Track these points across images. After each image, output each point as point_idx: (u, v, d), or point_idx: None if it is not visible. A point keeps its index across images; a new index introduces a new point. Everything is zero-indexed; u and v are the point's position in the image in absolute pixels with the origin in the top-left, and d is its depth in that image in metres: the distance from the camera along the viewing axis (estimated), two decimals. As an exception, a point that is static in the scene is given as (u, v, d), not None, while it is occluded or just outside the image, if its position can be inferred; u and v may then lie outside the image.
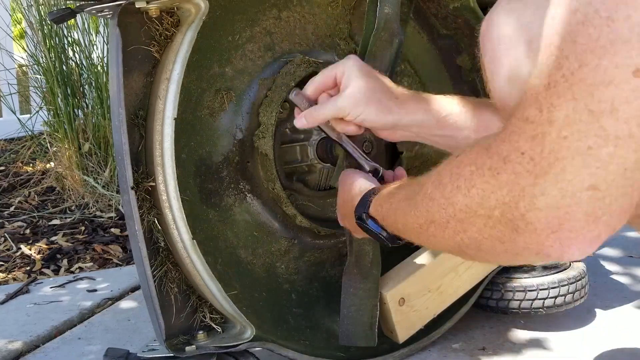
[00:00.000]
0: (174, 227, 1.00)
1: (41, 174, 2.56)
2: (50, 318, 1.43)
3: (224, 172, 1.14)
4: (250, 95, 1.16)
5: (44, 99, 2.54)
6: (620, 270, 1.61)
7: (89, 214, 2.23)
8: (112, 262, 1.87)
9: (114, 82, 0.95)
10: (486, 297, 1.31)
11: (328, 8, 1.25)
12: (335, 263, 1.30)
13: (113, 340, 1.31)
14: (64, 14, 1.04)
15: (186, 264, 1.02)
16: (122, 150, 0.95)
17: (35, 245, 1.98)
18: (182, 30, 1.01)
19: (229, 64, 1.14)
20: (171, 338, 1.00)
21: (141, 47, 0.99)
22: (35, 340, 1.33)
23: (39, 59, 2.45)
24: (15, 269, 1.82)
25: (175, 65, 0.99)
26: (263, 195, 1.18)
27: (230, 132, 1.14)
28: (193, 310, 1.05)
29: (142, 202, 0.99)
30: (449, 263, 1.22)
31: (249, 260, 1.16)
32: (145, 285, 0.97)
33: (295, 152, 1.25)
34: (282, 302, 1.19)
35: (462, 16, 1.27)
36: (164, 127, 0.99)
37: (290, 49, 1.21)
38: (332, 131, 1.02)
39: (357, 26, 1.28)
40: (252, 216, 1.17)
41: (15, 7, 2.93)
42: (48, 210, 2.29)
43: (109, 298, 1.55)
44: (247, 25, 1.15)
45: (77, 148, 2.35)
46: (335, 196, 1.28)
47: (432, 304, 1.21)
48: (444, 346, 1.23)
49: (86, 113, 2.41)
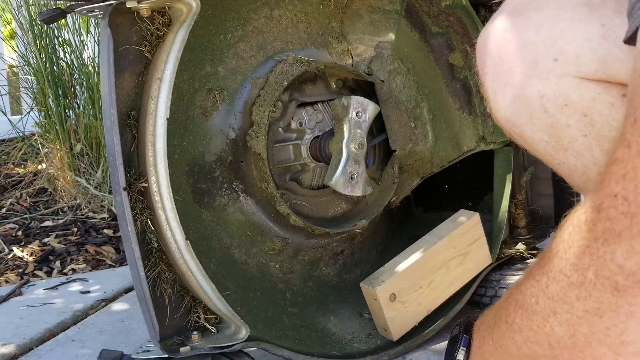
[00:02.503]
0: (167, 228, 1.00)
1: (33, 175, 2.54)
2: (44, 320, 1.42)
3: (217, 172, 1.14)
4: (242, 94, 1.16)
5: (35, 99, 2.52)
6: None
7: (82, 215, 2.22)
8: (105, 264, 1.86)
9: (106, 83, 0.95)
10: (480, 294, 1.31)
11: (320, 6, 1.25)
12: (329, 262, 1.30)
13: (107, 341, 1.31)
14: (54, 14, 1.03)
15: (180, 264, 1.01)
16: (114, 151, 0.95)
17: (28, 247, 1.97)
18: (174, 29, 1.00)
19: (221, 63, 1.13)
20: (165, 339, 1.00)
21: (132, 47, 0.99)
22: (28, 343, 1.32)
23: (29, 59, 2.44)
24: (7, 271, 1.81)
25: (167, 65, 0.99)
26: (256, 194, 1.18)
27: (223, 132, 1.14)
28: (187, 310, 1.05)
29: (135, 203, 0.99)
30: (439, 258, 1.22)
31: (243, 260, 1.16)
32: (138, 287, 0.97)
33: (289, 151, 1.25)
34: (276, 301, 1.18)
35: (454, 14, 1.27)
36: (156, 128, 0.98)
37: (282, 47, 1.21)
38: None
39: (349, 24, 1.28)
40: (245, 216, 1.17)
41: (5, 8, 2.91)
42: (40, 212, 2.27)
43: (103, 299, 1.55)
44: (239, 24, 1.15)
45: (68, 149, 2.34)
46: (329, 195, 1.28)
47: (425, 301, 1.21)
48: (438, 344, 1.24)
49: (77, 114, 2.40)
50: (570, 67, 0.64)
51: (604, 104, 0.64)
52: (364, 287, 1.18)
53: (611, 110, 0.64)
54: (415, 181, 1.38)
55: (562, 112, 0.67)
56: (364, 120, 1.23)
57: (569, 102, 0.66)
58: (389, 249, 1.41)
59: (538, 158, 0.76)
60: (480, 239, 1.28)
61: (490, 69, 0.70)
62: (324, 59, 1.25)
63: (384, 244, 1.42)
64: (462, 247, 1.26)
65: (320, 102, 1.28)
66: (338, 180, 1.21)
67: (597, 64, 0.63)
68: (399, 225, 1.50)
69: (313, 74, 1.24)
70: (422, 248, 1.22)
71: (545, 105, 0.67)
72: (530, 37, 0.66)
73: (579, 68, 0.64)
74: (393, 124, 1.32)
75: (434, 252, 1.22)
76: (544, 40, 0.62)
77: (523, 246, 1.37)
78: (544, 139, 0.71)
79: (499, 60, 0.68)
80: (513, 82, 0.68)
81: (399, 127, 1.33)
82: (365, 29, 1.32)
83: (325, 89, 1.29)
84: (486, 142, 1.35)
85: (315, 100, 1.27)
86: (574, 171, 0.71)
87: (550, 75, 0.66)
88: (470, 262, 1.27)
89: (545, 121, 0.69)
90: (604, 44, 0.62)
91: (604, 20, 0.62)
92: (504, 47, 0.68)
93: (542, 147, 0.72)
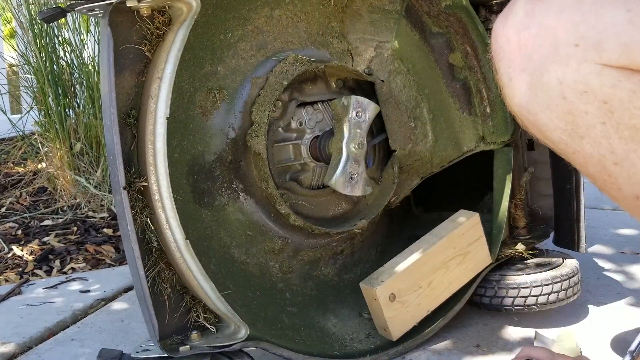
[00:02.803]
0: (166, 227, 1.00)
1: (32, 174, 2.54)
2: (43, 319, 1.42)
3: (216, 171, 1.14)
4: (242, 94, 1.15)
5: (34, 98, 2.52)
6: (613, 267, 1.61)
7: (81, 215, 2.22)
8: (105, 263, 1.86)
9: (106, 82, 0.95)
10: (480, 295, 1.31)
11: (320, 6, 1.25)
12: (329, 262, 1.30)
13: (106, 341, 1.31)
14: (54, 13, 1.03)
15: (179, 264, 1.01)
16: (114, 150, 0.94)
17: (27, 246, 1.97)
18: (174, 29, 1.00)
19: (221, 62, 1.13)
20: (165, 338, 1.00)
21: (133, 46, 0.99)
22: (28, 342, 1.32)
23: (29, 58, 2.44)
24: (7, 270, 1.81)
25: (167, 64, 0.99)
26: (256, 194, 1.18)
27: (223, 131, 1.14)
28: (187, 310, 1.05)
29: (135, 202, 0.98)
30: (438, 258, 1.22)
31: (243, 260, 1.16)
32: (138, 286, 0.97)
33: (289, 151, 1.25)
34: (276, 301, 1.18)
35: (454, 14, 1.27)
36: (156, 127, 0.98)
37: (282, 47, 1.21)
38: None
39: (349, 24, 1.28)
40: (245, 215, 1.17)
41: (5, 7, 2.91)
42: (40, 211, 2.27)
43: (102, 299, 1.55)
44: (239, 24, 1.15)
45: (68, 148, 2.34)
46: (329, 195, 1.28)
47: (425, 301, 1.21)
48: (437, 344, 1.24)
49: (77, 113, 2.40)
50: (591, 53, 0.63)
51: (624, 91, 0.64)
52: (364, 287, 1.18)
53: (632, 98, 0.64)
54: (415, 181, 1.38)
55: (581, 98, 0.66)
56: (363, 120, 1.23)
57: (589, 89, 0.65)
58: (389, 249, 1.41)
59: (550, 147, 0.75)
60: (480, 239, 1.28)
61: (507, 54, 0.69)
62: (324, 58, 1.25)
63: (384, 244, 1.42)
64: (462, 247, 1.26)
65: (320, 102, 1.28)
66: (338, 180, 1.21)
67: (621, 50, 0.62)
68: (398, 225, 1.50)
69: (313, 73, 1.24)
70: (422, 248, 1.22)
71: (564, 91, 0.66)
72: (550, 22, 0.65)
73: (601, 54, 0.63)
74: (393, 123, 1.32)
75: (433, 252, 1.22)
76: (565, 25, 0.61)
77: (523, 246, 1.37)
78: (559, 126, 0.70)
79: (516, 45, 0.67)
80: (531, 67, 0.67)
81: (398, 127, 1.33)
82: (366, 28, 1.32)
83: (326, 89, 1.28)
84: (486, 142, 1.34)
85: (315, 100, 1.27)
86: (589, 160, 0.71)
87: (571, 61, 0.65)
88: (470, 262, 1.27)
89: (562, 108, 0.68)
90: (630, 30, 0.61)
91: (630, 6, 0.61)
92: (522, 33, 0.67)
93: (557, 135, 0.71)
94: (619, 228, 1.94)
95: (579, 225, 1.37)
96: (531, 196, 1.50)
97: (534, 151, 1.46)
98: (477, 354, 1.19)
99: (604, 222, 2.02)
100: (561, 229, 1.42)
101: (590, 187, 0.90)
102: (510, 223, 1.43)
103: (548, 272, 1.29)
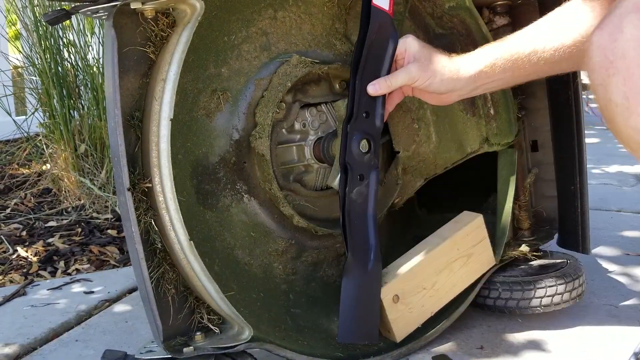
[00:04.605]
0: (170, 229, 1.00)
1: (37, 175, 2.55)
2: (48, 320, 1.43)
3: (220, 172, 1.14)
4: (246, 95, 1.16)
5: (39, 100, 2.53)
6: (617, 269, 1.61)
7: (86, 216, 2.22)
8: (109, 264, 1.87)
9: (110, 83, 0.95)
10: (484, 296, 1.31)
11: (324, 8, 1.25)
12: (332, 263, 1.30)
13: (110, 342, 1.31)
14: (59, 15, 1.03)
15: (183, 265, 1.01)
16: (118, 152, 0.95)
17: (32, 247, 1.98)
18: (178, 30, 1.00)
19: (225, 64, 1.13)
20: (169, 339, 1.00)
21: (137, 48, 0.99)
22: (32, 343, 1.33)
23: (34, 60, 2.44)
24: (11, 271, 1.81)
25: (171, 66, 0.99)
26: (260, 195, 1.18)
27: (227, 133, 1.14)
28: (190, 311, 1.05)
29: (139, 204, 0.99)
30: (442, 259, 1.22)
31: (247, 261, 1.16)
32: (142, 287, 0.97)
33: (292, 153, 1.25)
34: (279, 302, 1.18)
35: (457, 15, 1.27)
36: (160, 128, 0.99)
37: (286, 49, 1.21)
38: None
39: (353, 26, 1.28)
40: (249, 217, 1.17)
41: (10, 9, 2.92)
42: (44, 212, 2.28)
43: (106, 300, 1.55)
44: (243, 26, 1.15)
45: (73, 149, 2.34)
46: (332, 196, 1.28)
47: (428, 302, 1.21)
48: (441, 345, 1.23)
49: (82, 114, 2.40)
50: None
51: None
52: (367, 288, 1.18)
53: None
54: (419, 182, 1.38)
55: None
56: (367, 122, 1.23)
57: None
58: (393, 250, 1.41)
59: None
60: (483, 240, 1.28)
61: (624, 71, 0.63)
62: (328, 60, 1.25)
63: (387, 246, 1.42)
64: (466, 249, 1.25)
65: (323, 104, 1.28)
66: (341, 181, 1.21)
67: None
68: (402, 226, 1.50)
69: (317, 75, 1.24)
70: (426, 249, 1.22)
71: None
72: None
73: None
74: (396, 125, 1.32)
75: (437, 253, 1.22)
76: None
77: (527, 248, 1.37)
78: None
79: (637, 62, 0.62)
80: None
81: (402, 129, 1.32)
82: (369, 30, 1.32)
83: (329, 90, 1.29)
84: (490, 144, 1.34)
85: (319, 101, 1.27)
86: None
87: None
88: (474, 264, 1.27)
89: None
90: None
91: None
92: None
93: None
94: (624, 230, 1.94)
95: (583, 226, 1.37)
96: (535, 197, 1.50)
97: (538, 152, 1.46)
98: (481, 356, 1.19)
99: (609, 223, 2.01)
100: (565, 230, 1.42)
101: (595, 189, 0.90)
102: (514, 224, 1.43)
103: (552, 274, 1.29)
